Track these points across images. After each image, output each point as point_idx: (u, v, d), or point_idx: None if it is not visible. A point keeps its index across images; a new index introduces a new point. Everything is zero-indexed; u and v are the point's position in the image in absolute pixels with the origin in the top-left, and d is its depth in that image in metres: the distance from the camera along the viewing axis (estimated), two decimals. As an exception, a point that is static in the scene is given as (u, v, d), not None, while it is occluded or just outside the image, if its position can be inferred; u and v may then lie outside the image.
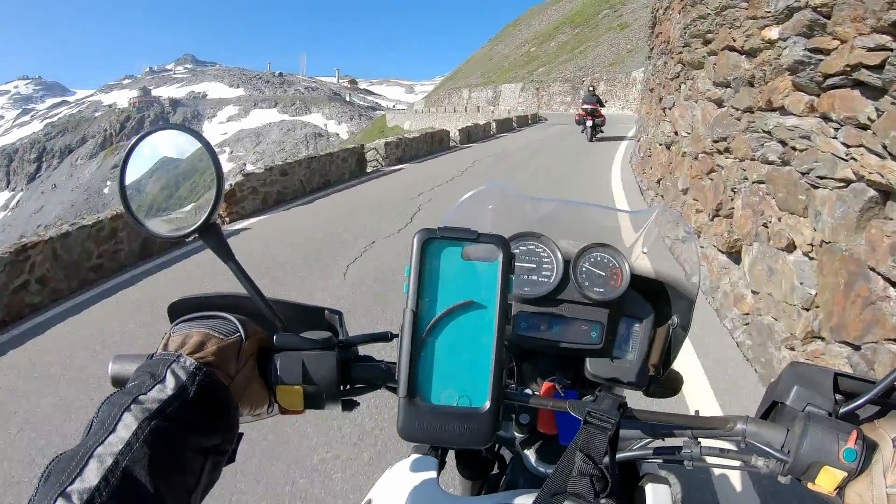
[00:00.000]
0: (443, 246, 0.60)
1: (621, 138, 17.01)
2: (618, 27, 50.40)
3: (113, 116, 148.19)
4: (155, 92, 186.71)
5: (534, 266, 0.97)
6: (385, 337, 0.76)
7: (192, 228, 0.63)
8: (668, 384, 1.05)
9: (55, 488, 0.45)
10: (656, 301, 1.00)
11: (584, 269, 0.96)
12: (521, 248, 0.98)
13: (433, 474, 0.94)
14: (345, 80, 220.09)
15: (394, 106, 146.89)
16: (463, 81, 68.12)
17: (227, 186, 2.65)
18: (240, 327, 0.67)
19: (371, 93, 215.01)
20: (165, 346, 0.63)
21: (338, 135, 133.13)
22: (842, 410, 0.67)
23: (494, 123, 22.39)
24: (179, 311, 0.71)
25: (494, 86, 52.21)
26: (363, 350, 0.77)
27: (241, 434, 0.64)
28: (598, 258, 0.97)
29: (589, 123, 16.69)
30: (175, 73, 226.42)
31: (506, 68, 62.76)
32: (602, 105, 17.16)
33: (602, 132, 17.17)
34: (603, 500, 0.57)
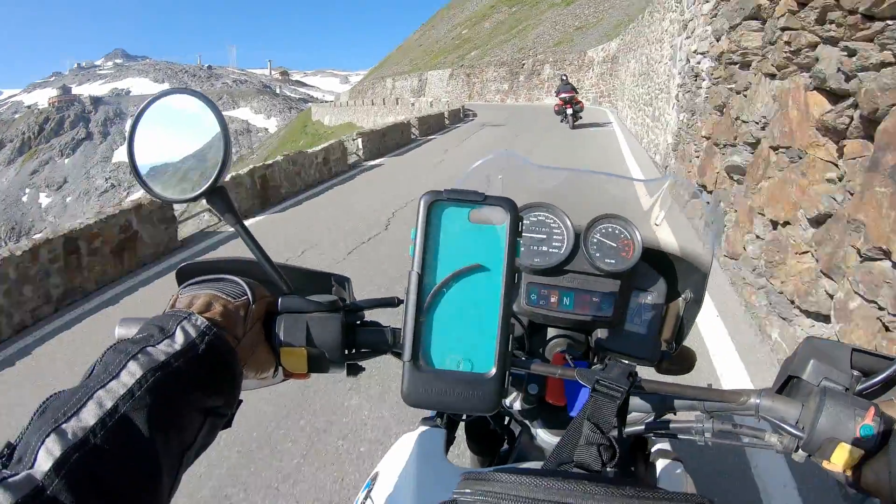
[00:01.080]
0: (449, 208, 0.57)
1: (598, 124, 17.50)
2: (562, 3, 47.24)
3: (32, 118, 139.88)
4: (78, 90, 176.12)
5: (544, 237, 0.97)
6: (392, 302, 0.75)
7: (201, 191, 0.65)
8: (680, 360, 1.05)
9: (49, 423, 0.45)
10: (669, 274, 1.00)
11: (595, 241, 0.96)
12: (531, 218, 0.97)
13: (440, 446, 0.98)
14: (276, 72, 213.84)
15: (324, 97, 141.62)
16: (390, 70, 64.28)
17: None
18: (247, 290, 0.67)
19: (304, 84, 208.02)
20: (174, 305, 0.63)
21: (266, 129, 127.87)
22: (859, 387, 0.67)
23: (416, 124, 18.43)
24: (187, 274, 0.71)
25: (420, 73, 47.91)
26: (370, 316, 0.76)
27: (241, 401, 0.64)
28: (610, 229, 0.96)
29: (569, 112, 16.94)
30: (101, 70, 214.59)
31: (435, 53, 59.22)
32: (577, 91, 17.66)
33: (581, 118, 17.41)
34: (609, 470, 0.56)
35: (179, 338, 0.56)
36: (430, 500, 0.79)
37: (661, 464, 0.94)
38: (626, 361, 0.88)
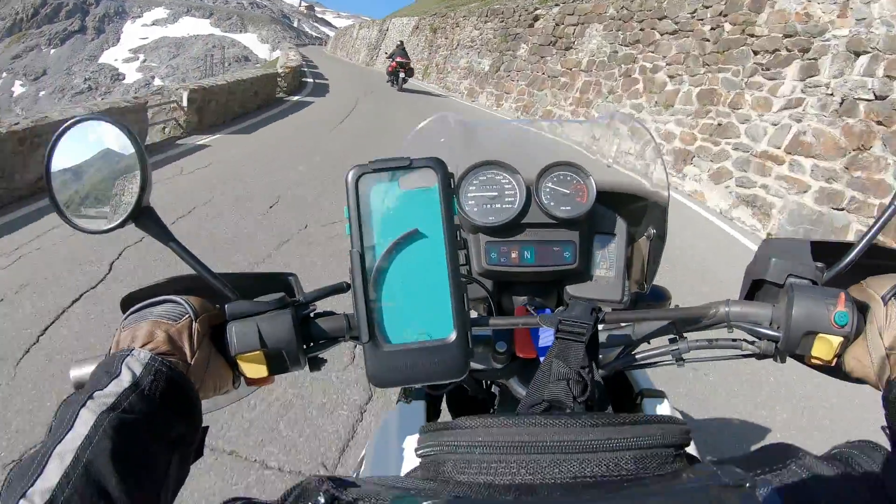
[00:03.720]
0: (377, 180, 0.57)
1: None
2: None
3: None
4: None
5: (495, 194, 0.95)
6: (341, 288, 0.72)
7: (126, 215, 0.63)
8: (654, 299, 1.06)
9: (16, 493, 0.44)
10: (629, 214, 1.00)
11: (547, 190, 0.95)
12: (479, 177, 0.96)
13: (421, 418, 1.02)
14: (304, 6, 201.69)
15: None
16: (391, 19, 54.66)
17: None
18: (188, 308, 0.65)
19: (328, 24, 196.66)
20: (118, 343, 0.62)
21: (266, 62, 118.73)
22: (825, 277, 0.67)
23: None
24: (131, 302, 0.69)
25: (382, 23, 38.11)
26: (324, 305, 0.75)
27: (206, 427, 0.63)
28: (561, 177, 0.95)
29: (402, 75, 19.38)
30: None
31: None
32: (409, 59, 20.05)
33: (408, 82, 19.91)
34: (581, 403, 0.56)
35: (126, 376, 0.55)
36: None
37: (647, 403, 0.99)
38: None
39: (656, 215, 1.01)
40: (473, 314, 0.90)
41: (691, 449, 0.66)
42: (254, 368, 0.67)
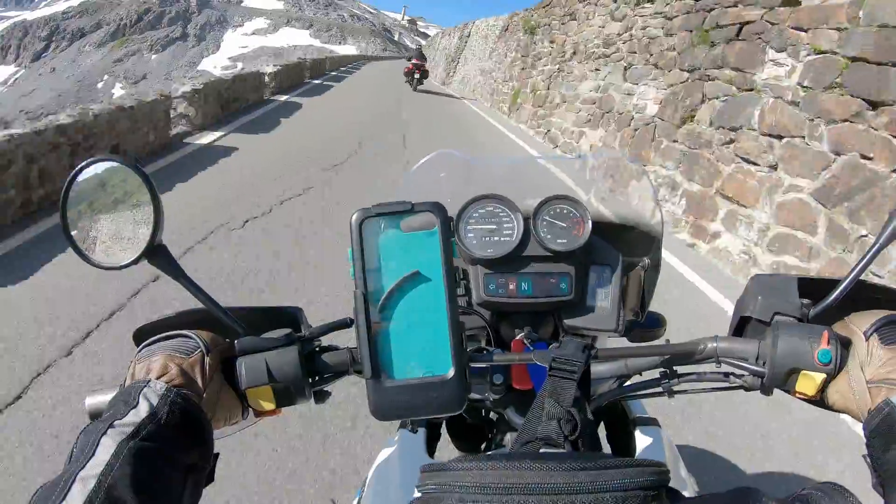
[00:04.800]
0: (380, 223, 0.60)
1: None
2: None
3: (134, 6, 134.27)
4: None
5: (494, 227, 0.97)
6: (345, 323, 0.75)
7: (140, 253, 0.65)
8: (651, 326, 1.08)
9: None
10: (623, 245, 1.01)
11: (545, 223, 0.97)
12: (479, 211, 0.98)
13: (422, 446, 1.06)
14: (406, 20, 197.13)
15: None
16: (472, 23, 45.38)
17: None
18: (200, 343, 0.68)
19: (427, 37, 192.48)
20: (133, 375, 0.65)
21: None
22: (811, 314, 0.69)
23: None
24: (144, 335, 0.71)
25: (463, 28, 28.52)
26: (329, 340, 0.77)
27: (217, 454, 0.66)
28: (559, 210, 0.98)
29: (417, 76, 20.52)
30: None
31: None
32: (426, 61, 21.15)
33: (423, 84, 21.17)
34: (571, 441, 0.58)
35: (143, 406, 0.57)
36: None
37: (640, 430, 1.01)
38: (599, 338, 0.97)
39: (650, 245, 1.03)
40: (472, 346, 0.96)
41: (675, 483, 0.66)
42: (263, 402, 0.70)
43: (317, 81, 20.02)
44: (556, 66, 12.92)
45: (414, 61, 20.54)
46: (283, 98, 14.24)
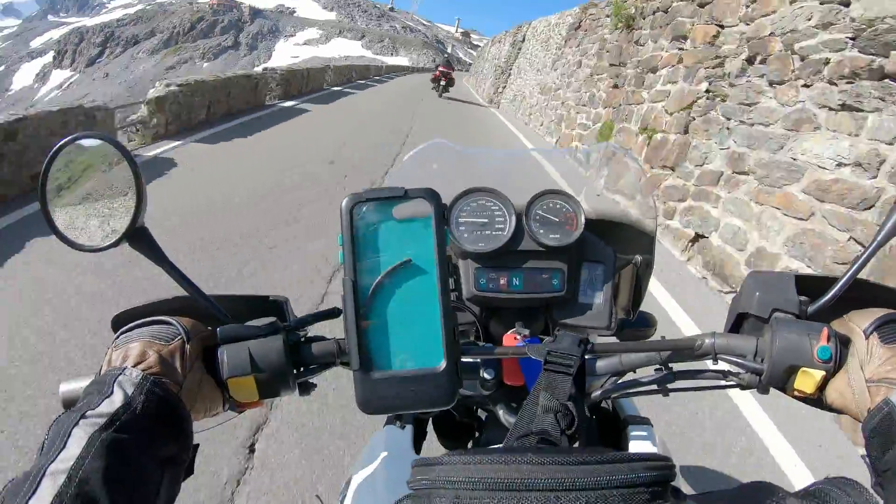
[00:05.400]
0: (372, 209, 0.57)
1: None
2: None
3: (187, 15, 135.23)
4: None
5: (486, 221, 0.94)
6: (333, 313, 0.72)
7: (120, 235, 0.62)
8: (641, 326, 1.05)
9: None
10: (616, 242, 0.99)
11: (537, 218, 0.94)
12: (470, 204, 0.95)
13: (409, 443, 1.00)
14: (459, 32, 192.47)
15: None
16: (528, 25, 39.98)
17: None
18: (181, 329, 0.65)
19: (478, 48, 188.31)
20: (109, 362, 0.62)
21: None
22: (809, 311, 0.67)
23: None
24: (123, 321, 0.68)
25: (516, 32, 23.70)
26: (316, 330, 0.74)
27: (197, 445, 0.63)
28: (551, 205, 0.95)
29: (443, 83, 21.41)
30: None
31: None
32: (454, 70, 22.35)
33: (449, 91, 21.69)
34: (568, 435, 0.57)
35: (118, 395, 0.55)
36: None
37: (632, 428, 0.97)
38: (590, 336, 0.87)
39: (643, 243, 1.00)
40: (462, 341, 0.90)
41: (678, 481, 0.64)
42: (244, 393, 0.67)
43: (337, 88, 21.56)
44: (697, 84, 6.60)
45: (441, 69, 21.79)
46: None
